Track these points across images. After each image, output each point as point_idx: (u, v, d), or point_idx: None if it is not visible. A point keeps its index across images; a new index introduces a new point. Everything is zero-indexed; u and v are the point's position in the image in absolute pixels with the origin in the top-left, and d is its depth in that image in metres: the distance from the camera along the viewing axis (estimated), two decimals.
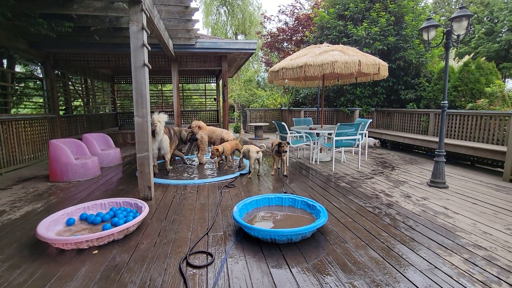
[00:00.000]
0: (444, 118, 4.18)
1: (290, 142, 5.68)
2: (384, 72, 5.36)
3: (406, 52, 8.58)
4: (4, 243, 2.55)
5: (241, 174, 4.92)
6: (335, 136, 5.22)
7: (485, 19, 20.97)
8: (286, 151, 4.64)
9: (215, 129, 6.01)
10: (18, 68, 9.08)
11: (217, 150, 4.96)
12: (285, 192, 3.88)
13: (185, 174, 5.02)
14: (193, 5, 5.00)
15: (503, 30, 19.43)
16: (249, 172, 4.88)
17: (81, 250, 2.40)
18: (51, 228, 2.64)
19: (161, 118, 4.71)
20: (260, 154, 4.81)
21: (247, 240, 2.58)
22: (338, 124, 5.30)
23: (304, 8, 16.28)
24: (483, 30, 20.39)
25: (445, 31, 4.00)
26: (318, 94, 9.84)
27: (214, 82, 13.25)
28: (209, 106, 13.70)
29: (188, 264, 2.20)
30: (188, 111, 13.02)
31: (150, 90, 11.00)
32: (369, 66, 4.95)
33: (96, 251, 2.39)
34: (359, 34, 8.72)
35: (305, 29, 13.81)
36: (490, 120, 5.43)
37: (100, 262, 2.23)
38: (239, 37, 24.66)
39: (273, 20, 18.26)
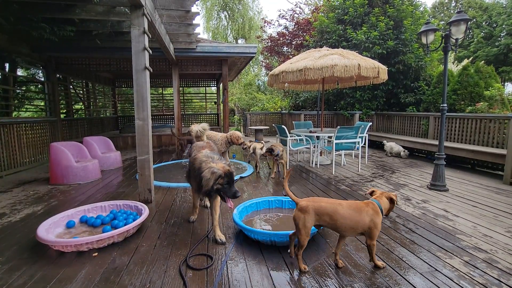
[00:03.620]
0: (444, 121, 4.20)
1: (291, 145, 5.69)
2: (384, 76, 5.39)
3: (405, 56, 8.63)
4: (4, 246, 2.55)
5: (241, 177, 4.93)
6: (335, 139, 5.23)
7: (484, 23, 21.12)
8: (269, 156, 4.82)
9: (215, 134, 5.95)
10: (20, 72, 9.13)
11: None
12: (285, 195, 3.88)
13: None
14: (194, 9, 5.05)
15: (502, 34, 19.55)
16: (256, 166, 5.39)
17: (81, 253, 2.39)
18: (51, 230, 2.65)
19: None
20: (264, 150, 5.08)
21: (247, 242, 2.57)
22: (338, 127, 5.32)
23: (304, 12, 16.44)
24: (482, 34, 20.52)
25: (443, 35, 4.04)
26: (318, 98, 9.88)
27: (214, 86, 13.31)
28: (210, 110, 13.74)
29: (188, 267, 2.20)
30: (189, 114, 13.06)
31: (151, 94, 11.01)
32: (368, 69, 4.98)
33: (96, 254, 2.39)
34: (358, 38, 8.79)
35: (305, 34, 13.91)
36: (490, 123, 5.45)
37: (100, 265, 2.23)
38: (239, 41, 24.82)
39: (273, 24, 18.45)
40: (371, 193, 2.23)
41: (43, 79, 7.61)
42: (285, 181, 2.24)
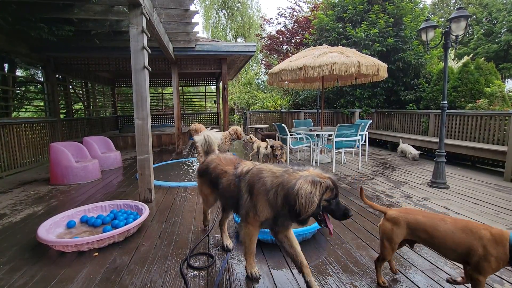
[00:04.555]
0: (444, 119, 4.18)
1: (291, 144, 5.68)
2: (384, 73, 5.38)
3: (405, 53, 8.60)
4: (5, 246, 2.55)
5: None
6: (335, 137, 5.22)
7: (484, 20, 21.03)
8: (276, 155, 4.69)
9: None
10: (19, 72, 9.12)
11: None
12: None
13: (186, 176, 5.02)
14: (192, 8, 5.02)
15: (502, 31, 19.46)
16: None
17: (81, 253, 2.39)
18: (51, 230, 2.65)
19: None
20: (269, 149, 5.05)
21: None
22: (338, 125, 5.30)
23: (303, 10, 16.38)
24: (482, 31, 20.44)
25: (443, 32, 4.02)
26: (318, 96, 9.85)
27: (214, 85, 13.30)
28: (209, 109, 13.73)
29: (189, 266, 2.20)
30: (189, 114, 13.05)
31: (150, 93, 11.00)
32: (368, 67, 4.96)
33: (96, 253, 2.38)
34: (358, 36, 8.76)
35: (304, 32, 13.87)
36: (490, 120, 5.43)
37: (101, 264, 2.23)
38: (238, 40, 24.77)
39: (273, 23, 18.38)
40: None
41: (42, 79, 7.60)
42: (363, 197, 2.09)
